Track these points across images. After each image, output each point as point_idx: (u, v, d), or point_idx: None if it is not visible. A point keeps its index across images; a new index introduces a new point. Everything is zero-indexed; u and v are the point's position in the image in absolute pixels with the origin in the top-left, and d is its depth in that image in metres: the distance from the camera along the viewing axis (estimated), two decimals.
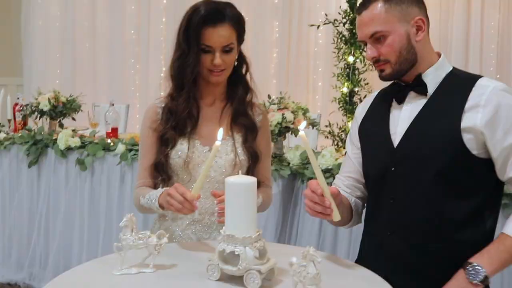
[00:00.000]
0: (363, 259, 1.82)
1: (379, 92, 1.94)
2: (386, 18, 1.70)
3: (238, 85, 2.03)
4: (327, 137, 4.29)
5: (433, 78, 1.74)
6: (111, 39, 6.88)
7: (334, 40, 4.43)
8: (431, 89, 1.73)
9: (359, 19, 1.76)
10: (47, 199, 4.03)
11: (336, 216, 1.58)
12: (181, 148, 1.95)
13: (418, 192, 1.69)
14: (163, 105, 2.01)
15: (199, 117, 2.00)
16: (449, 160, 1.65)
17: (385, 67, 1.75)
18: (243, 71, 2.04)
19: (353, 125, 1.97)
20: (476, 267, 1.61)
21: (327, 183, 1.59)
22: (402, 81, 1.78)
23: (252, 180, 1.50)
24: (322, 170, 2.98)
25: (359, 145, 1.91)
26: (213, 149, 1.60)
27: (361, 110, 1.95)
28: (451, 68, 1.78)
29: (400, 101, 1.78)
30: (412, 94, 1.76)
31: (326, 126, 4.30)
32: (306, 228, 3.12)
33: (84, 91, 4.66)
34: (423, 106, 1.73)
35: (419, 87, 1.74)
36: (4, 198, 4.24)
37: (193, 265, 1.62)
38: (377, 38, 1.72)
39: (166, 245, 1.61)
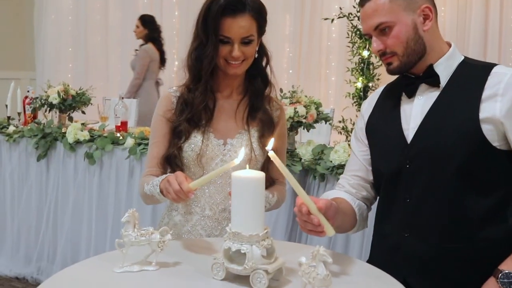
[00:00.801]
0: (376, 261, 1.74)
1: (385, 87, 1.87)
2: (391, 8, 1.63)
3: (257, 78, 1.97)
4: (341, 133, 4.23)
5: (445, 69, 1.67)
6: (123, 33, 6.87)
7: (348, 34, 4.36)
8: (443, 80, 1.66)
9: (363, 11, 1.69)
10: (55, 193, 4.00)
11: (330, 231, 1.46)
12: (195, 141, 1.89)
13: (436, 190, 1.62)
14: (178, 95, 1.95)
15: (214, 110, 1.94)
16: (469, 154, 1.57)
17: (392, 60, 1.67)
18: (263, 63, 1.98)
19: (359, 122, 1.90)
20: (510, 274, 1.54)
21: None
22: (412, 74, 1.71)
23: (260, 175, 1.43)
24: (334, 166, 2.93)
25: (366, 142, 1.84)
26: (229, 164, 1.52)
27: (367, 106, 1.88)
28: (463, 58, 1.71)
29: (411, 94, 1.70)
30: (423, 86, 1.69)
31: (340, 121, 4.24)
32: None
33: (96, 85, 4.63)
34: (437, 99, 1.65)
35: (431, 78, 1.67)
36: (13, 192, 4.21)
37: (197, 264, 1.55)
38: (382, 30, 1.65)
39: (170, 242, 1.54)
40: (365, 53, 4.25)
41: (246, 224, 1.40)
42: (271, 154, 1.40)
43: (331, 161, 2.95)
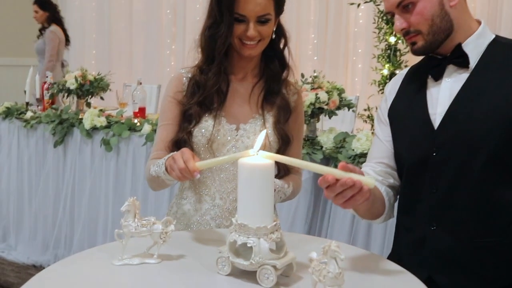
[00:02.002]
0: (399, 256, 1.63)
1: (410, 68, 1.74)
2: None
3: (273, 60, 1.86)
4: (366, 121, 4.09)
5: (474, 48, 1.54)
6: (147, 19, 6.81)
7: (374, 19, 4.21)
8: (473, 61, 1.54)
9: None
10: (72, 179, 3.95)
11: (369, 181, 1.30)
12: (206, 125, 1.79)
13: (466, 180, 1.49)
14: (189, 76, 1.85)
15: (228, 93, 1.84)
16: (501, 141, 1.45)
17: (416, 39, 1.55)
18: (281, 45, 1.86)
19: (382, 105, 1.77)
20: None
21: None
22: (438, 54, 1.58)
23: (269, 162, 1.31)
24: (357, 155, 2.81)
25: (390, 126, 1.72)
26: (243, 153, 1.36)
27: (390, 89, 1.75)
28: (493, 36, 1.58)
29: (438, 76, 1.58)
30: (451, 67, 1.56)
31: (365, 109, 4.10)
32: (338, 218, 2.91)
33: (120, 72, 4.54)
34: (466, 81, 1.53)
35: (459, 59, 1.54)
36: (30, 178, 4.19)
37: (202, 257, 1.45)
38: (405, 6, 1.53)
39: (175, 233, 1.45)
40: (392, 39, 4.11)
41: (254, 216, 1.29)
42: (264, 153, 1.30)
43: (353, 150, 2.82)
